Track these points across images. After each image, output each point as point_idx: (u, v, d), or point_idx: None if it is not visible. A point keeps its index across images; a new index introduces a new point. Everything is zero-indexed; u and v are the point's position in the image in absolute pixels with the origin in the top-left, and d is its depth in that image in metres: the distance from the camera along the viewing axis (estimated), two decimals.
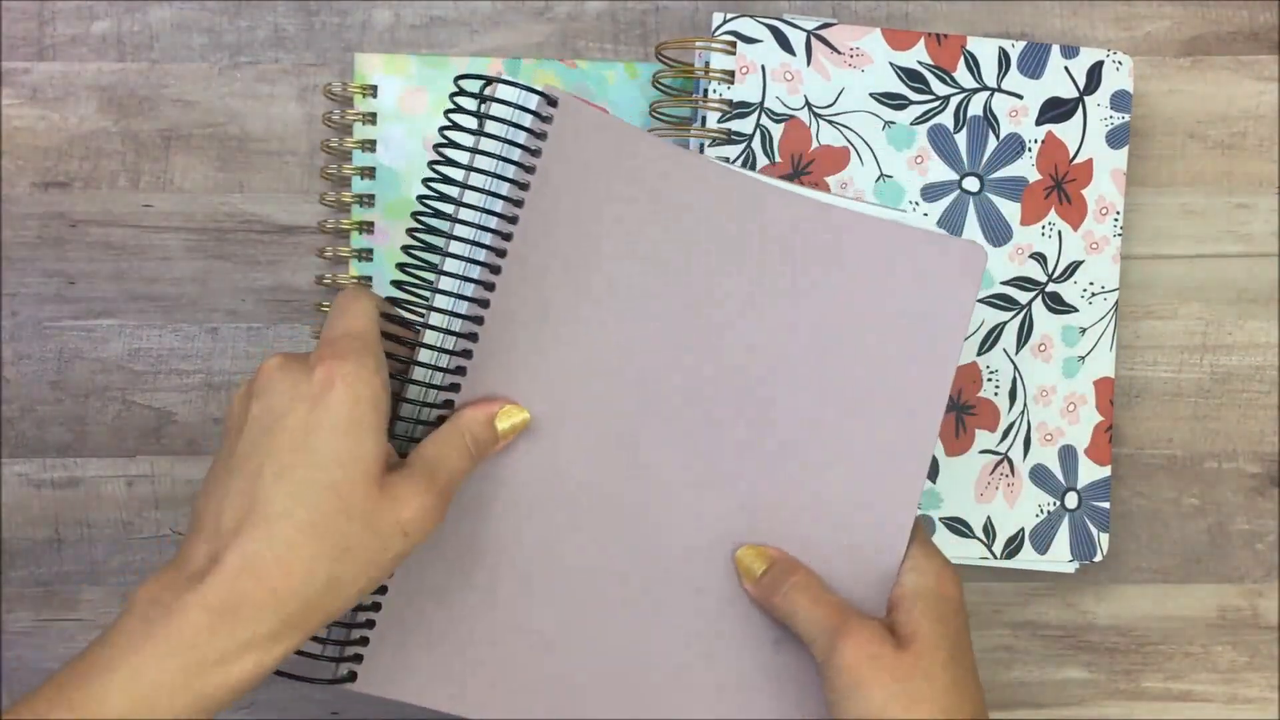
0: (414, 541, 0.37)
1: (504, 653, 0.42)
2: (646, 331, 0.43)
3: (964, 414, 0.56)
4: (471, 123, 0.41)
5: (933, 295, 0.45)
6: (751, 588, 0.43)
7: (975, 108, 0.55)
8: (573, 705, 0.42)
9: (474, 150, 0.40)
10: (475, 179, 0.40)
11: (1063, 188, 0.56)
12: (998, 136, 0.56)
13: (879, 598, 0.44)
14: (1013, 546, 0.56)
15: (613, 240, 0.43)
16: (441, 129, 0.41)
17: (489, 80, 0.41)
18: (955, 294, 0.46)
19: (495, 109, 0.40)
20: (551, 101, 0.41)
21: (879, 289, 0.45)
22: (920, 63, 0.55)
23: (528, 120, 0.40)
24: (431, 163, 0.41)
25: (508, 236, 0.40)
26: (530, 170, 0.40)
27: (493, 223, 0.41)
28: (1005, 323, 0.56)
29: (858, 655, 0.40)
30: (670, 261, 0.43)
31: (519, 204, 0.40)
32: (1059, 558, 0.56)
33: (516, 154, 0.41)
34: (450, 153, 0.41)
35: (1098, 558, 0.56)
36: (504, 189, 0.41)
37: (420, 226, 0.41)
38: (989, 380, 0.56)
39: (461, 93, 0.41)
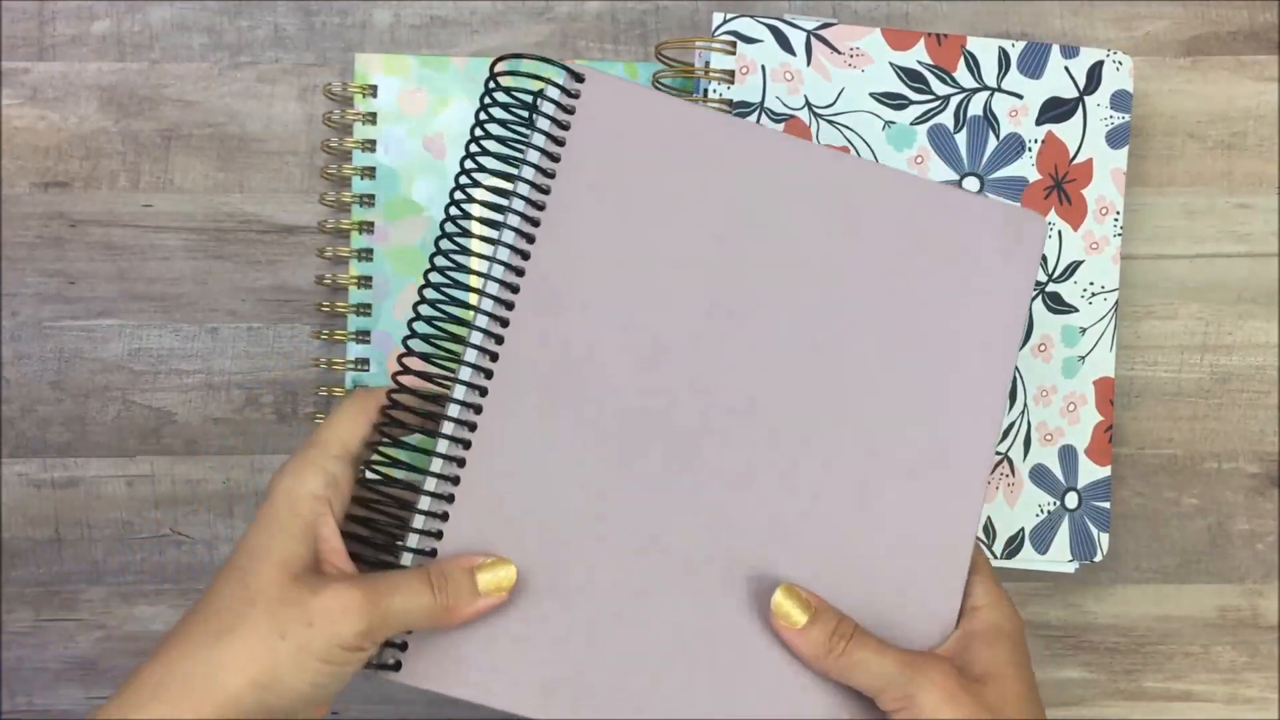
0: (325, 636, 0.36)
1: (549, 648, 0.40)
2: (689, 302, 0.42)
3: None
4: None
5: (989, 265, 0.44)
6: (797, 640, 0.40)
7: (975, 108, 0.55)
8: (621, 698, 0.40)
9: (513, 139, 0.42)
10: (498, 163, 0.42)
11: (1063, 188, 0.56)
12: (998, 136, 0.56)
13: (930, 630, 0.42)
14: (1013, 546, 0.56)
15: (652, 205, 0.43)
16: (480, 121, 0.42)
17: (499, 59, 0.43)
18: (1013, 264, 0.44)
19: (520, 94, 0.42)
20: (578, 77, 0.43)
21: (933, 254, 0.44)
22: (920, 63, 0.55)
23: (555, 95, 0.43)
24: (469, 155, 0.42)
25: (541, 206, 0.42)
26: (560, 143, 0.42)
27: (524, 195, 0.42)
28: None
29: (937, 699, 0.39)
30: (715, 225, 0.43)
31: (550, 175, 0.42)
32: (1059, 558, 0.56)
33: (541, 139, 0.42)
34: (488, 144, 0.42)
35: (1098, 558, 0.56)
36: (529, 172, 0.42)
37: (454, 230, 0.42)
38: None
39: (495, 85, 0.43)
